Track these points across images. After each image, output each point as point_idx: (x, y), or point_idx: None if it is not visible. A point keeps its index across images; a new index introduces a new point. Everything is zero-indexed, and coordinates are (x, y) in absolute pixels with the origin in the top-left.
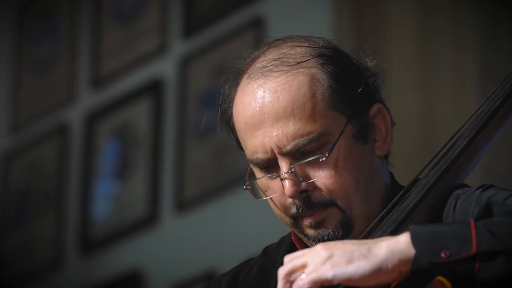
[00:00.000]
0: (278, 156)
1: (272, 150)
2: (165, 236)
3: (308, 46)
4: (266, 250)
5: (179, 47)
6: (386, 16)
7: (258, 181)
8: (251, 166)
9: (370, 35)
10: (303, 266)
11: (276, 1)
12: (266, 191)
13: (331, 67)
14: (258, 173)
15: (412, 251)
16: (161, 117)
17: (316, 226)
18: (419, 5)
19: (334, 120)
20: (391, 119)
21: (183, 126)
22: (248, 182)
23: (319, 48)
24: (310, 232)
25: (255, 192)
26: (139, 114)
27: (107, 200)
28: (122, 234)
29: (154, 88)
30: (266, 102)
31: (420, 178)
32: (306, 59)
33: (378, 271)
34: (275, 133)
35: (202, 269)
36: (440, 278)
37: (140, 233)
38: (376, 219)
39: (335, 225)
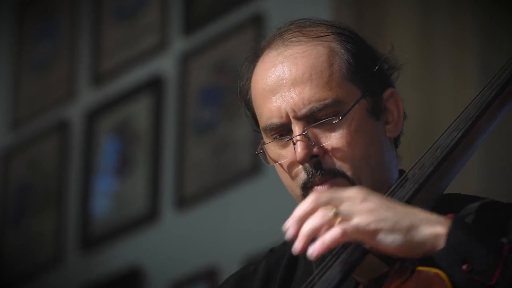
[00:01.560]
0: (292, 120)
1: (287, 115)
2: (165, 233)
3: (329, 25)
4: (271, 250)
5: (179, 44)
6: (386, 16)
7: (269, 151)
8: (264, 136)
9: (370, 35)
10: (338, 204)
11: None
12: (277, 159)
13: (350, 45)
14: (270, 141)
15: (441, 245)
16: (161, 114)
17: None
18: (419, 5)
19: (349, 92)
20: (404, 112)
21: (183, 123)
22: (260, 147)
23: (340, 28)
24: None
25: (266, 160)
26: (139, 111)
27: (107, 197)
28: (122, 231)
29: (154, 85)
30: (284, 68)
31: (417, 173)
32: (326, 34)
33: (410, 249)
34: (291, 97)
35: (202, 266)
36: (437, 271)
37: (140, 230)
38: None
39: None
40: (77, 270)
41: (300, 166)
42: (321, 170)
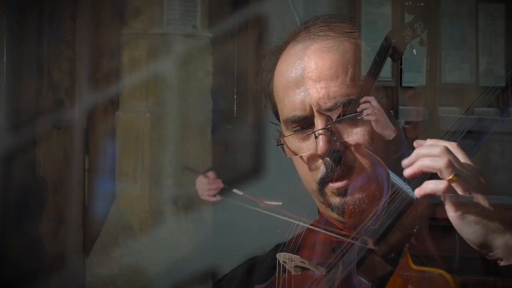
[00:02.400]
0: (316, 114)
1: (310, 108)
2: (166, 235)
3: (354, 22)
4: (278, 245)
5: (180, 45)
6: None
7: (289, 143)
8: (285, 128)
9: None
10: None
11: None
12: (297, 152)
13: (375, 44)
14: (291, 134)
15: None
16: (162, 115)
17: (342, 193)
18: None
19: (374, 90)
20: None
21: (184, 125)
22: (281, 139)
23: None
24: (335, 200)
25: (286, 152)
26: (140, 112)
27: (108, 199)
28: (123, 233)
29: (156, 87)
30: (311, 62)
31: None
32: (353, 31)
33: (479, 247)
34: (316, 91)
35: (205, 268)
36: (441, 271)
37: (141, 232)
38: (369, 217)
39: (361, 194)
40: (78, 273)
41: (320, 160)
42: (341, 166)
